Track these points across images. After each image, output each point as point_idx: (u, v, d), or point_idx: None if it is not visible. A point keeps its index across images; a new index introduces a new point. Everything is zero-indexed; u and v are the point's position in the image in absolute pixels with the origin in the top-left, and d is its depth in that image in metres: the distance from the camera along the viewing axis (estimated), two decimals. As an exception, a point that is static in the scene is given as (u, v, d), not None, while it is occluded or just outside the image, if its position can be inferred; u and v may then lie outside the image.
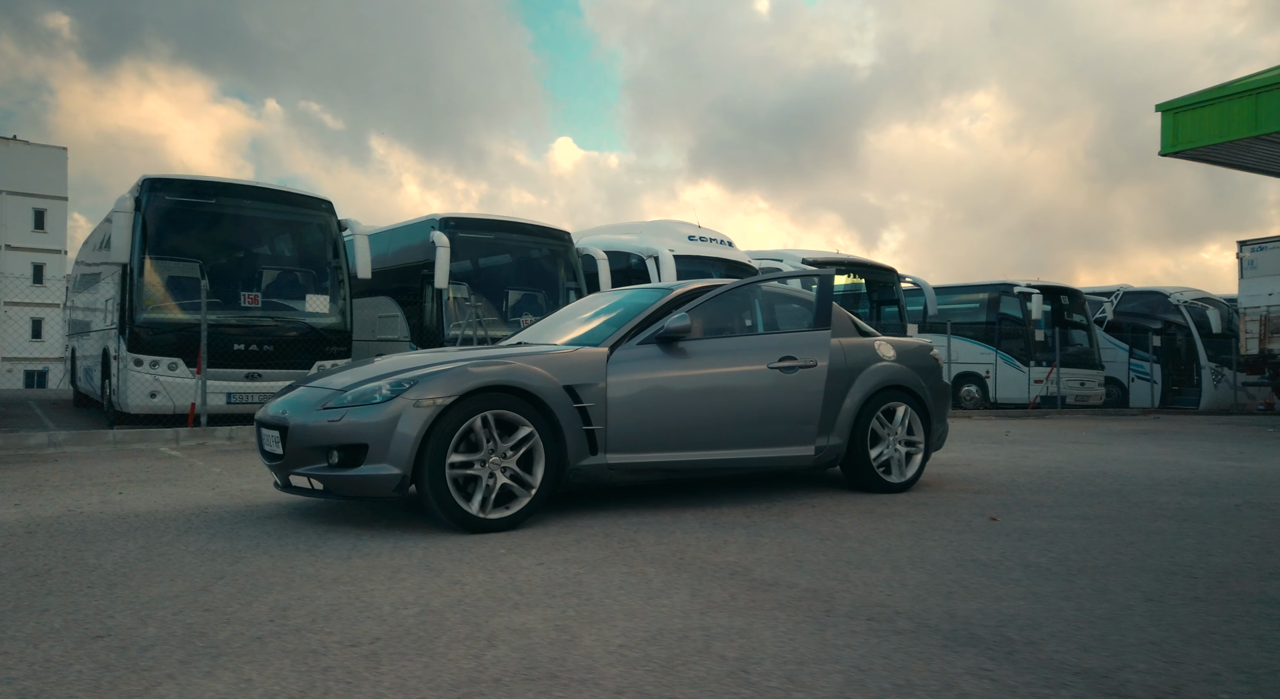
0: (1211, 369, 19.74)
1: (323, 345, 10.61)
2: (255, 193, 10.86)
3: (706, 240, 14.61)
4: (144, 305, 9.73)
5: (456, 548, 3.54)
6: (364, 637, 2.36)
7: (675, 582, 2.94)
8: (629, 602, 2.69)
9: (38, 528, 4.03)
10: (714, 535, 3.81)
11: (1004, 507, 4.63)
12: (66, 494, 5.14)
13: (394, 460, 3.74)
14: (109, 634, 2.40)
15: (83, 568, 3.23)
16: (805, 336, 4.89)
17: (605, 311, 5.23)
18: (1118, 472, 6.27)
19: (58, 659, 2.20)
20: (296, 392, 4.37)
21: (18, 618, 2.57)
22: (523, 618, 2.52)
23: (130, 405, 9.53)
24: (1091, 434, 10.23)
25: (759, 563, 3.23)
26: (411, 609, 2.63)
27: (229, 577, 3.07)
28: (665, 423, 4.39)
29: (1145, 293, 21.21)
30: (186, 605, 2.70)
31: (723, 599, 2.70)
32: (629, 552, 3.46)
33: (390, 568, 3.20)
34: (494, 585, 2.92)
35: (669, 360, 4.49)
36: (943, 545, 3.56)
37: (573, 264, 12.74)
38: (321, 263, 10.95)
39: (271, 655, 2.22)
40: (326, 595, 2.80)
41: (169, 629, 2.45)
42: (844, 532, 3.89)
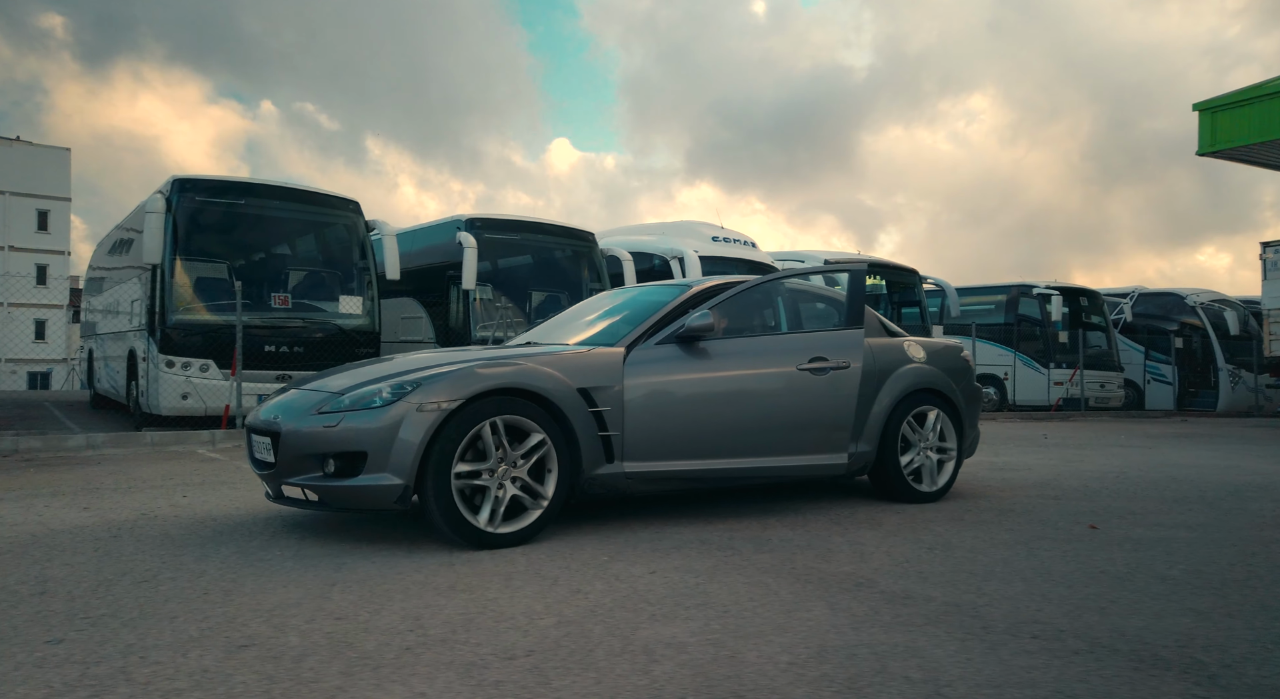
0: (1229, 371, 19.69)
1: (352, 347, 10.55)
2: (283, 193, 10.79)
3: (730, 241, 14.57)
4: (175, 307, 9.66)
5: (556, 553, 3.47)
6: (516, 649, 2.29)
7: (803, 593, 2.86)
8: (768, 615, 2.61)
9: (120, 532, 3.96)
10: (811, 543, 3.73)
11: (1096, 514, 4.54)
12: (130, 497, 5.07)
13: (395, 470, 3.46)
14: (253, 643, 2.33)
15: (189, 573, 3.16)
16: (837, 336, 4.62)
17: (619, 309, 4.99)
18: (1187, 477, 6.19)
19: (214, 669, 2.14)
20: (289, 394, 4.10)
21: (152, 625, 2.50)
22: (669, 631, 2.45)
23: (162, 407, 9.46)
24: (1130, 437, 10.18)
25: (878, 573, 3.16)
26: (547, 619, 2.56)
27: (341, 583, 3.00)
28: (686, 429, 4.13)
29: (1161, 294, 21.16)
30: (315, 613, 2.63)
31: (864, 613, 2.62)
32: (736, 560, 3.38)
33: (501, 574, 3.12)
34: (618, 595, 2.84)
35: (690, 361, 4.22)
36: (1058, 555, 3.48)
37: (597, 265, 12.70)
38: (350, 264, 10.90)
39: (431, 668, 2.15)
40: (451, 603, 2.73)
41: (311, 638, 2.38)
42: (946, 540, 3.80)
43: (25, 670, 2.22)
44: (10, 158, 49.26)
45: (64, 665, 2.25)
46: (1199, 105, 10.61)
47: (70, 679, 2.15)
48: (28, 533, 4.01)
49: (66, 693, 2.04)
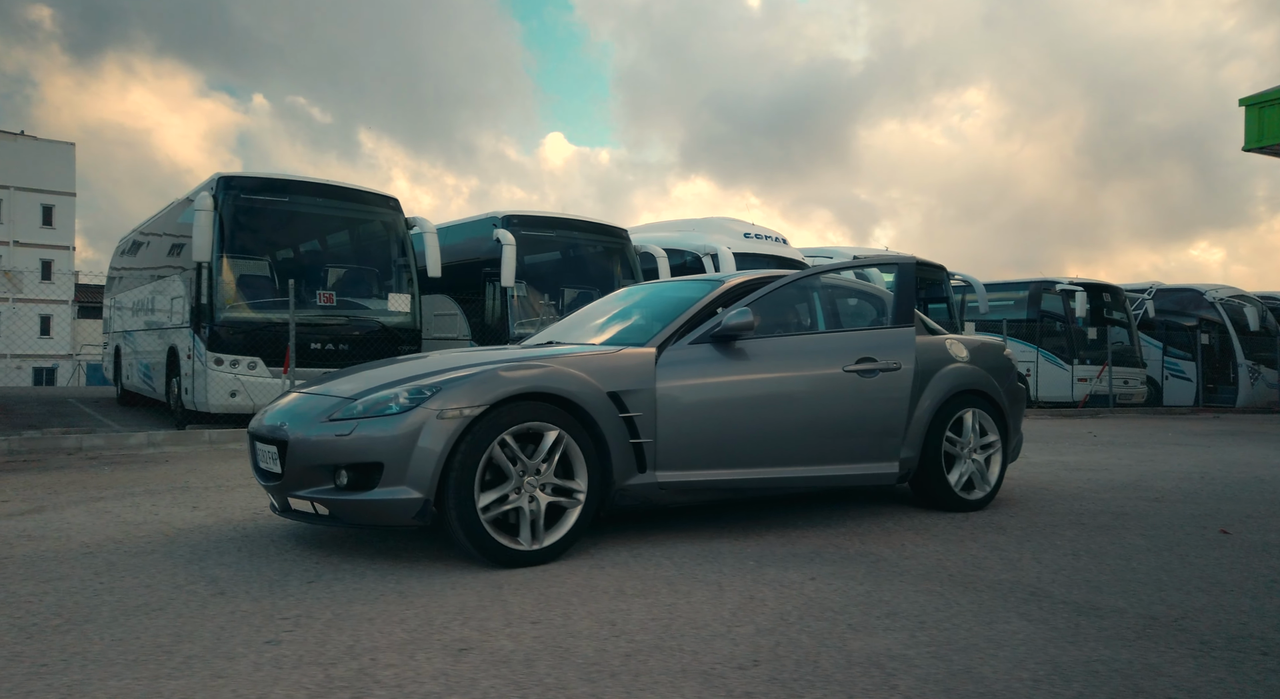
0: (1248, 367, 19.74)
1: (396, 344, 10.57)
2: (325, 190, 10.80)
3: (762, 237, 14.57)
4: (224, 304, 9.67)
5: (702, 558, 3.46)
6: (739, 657, 2.30)
7: (984, 603, 2.86)
8: (966, 626, 2.61)
9: (247, 531, 3.96)
10: (951, 548, 3.72)
11: (1213, 518, 4.52)
12: (230, 496, 5.07)
13: (414, 482, 3.21)
14: (470, 646, 2.34)
15: (350, 574, 3.19)
16: (885, 335, 4.34)
17: (643, 306, 4.77)
18: (1275, 477, 6.20)
19: (452, 673, 2.15)
20: (294, 398, 3.84)
21: (355, 626, 2.49)
22: (880, 642, 2.45)
23: (210, 405, 9.46)
24: (1175, 434, 10.23)
25: (1042, 582, 3.15)
26: (745, 627, 2.57)
27: (506, 585, 2.98)
28: (724, 435, 3.87)
29: (1179, 290, 21.19)
30: (506, 616, 2.64)
31: (1064, 626, 2.61)
32: (887, 567, 3.39)
33: (663, 579, 3.13)
34: (796, 602, 2.84)
35: (727, 362, 3.95)
36: (1213, 562, 3.47)
37: (630, 262, 12.70)
38: (393, 261, 10.91)
39: (670, 676, 2.16)
40: (633, 608, 2.75)
41: (522, 642, 2.39)
42: (1085, 546, 3.78)
43: (267, 672, 2.23)
44: (14, 152, 49.04)
45: (302, 666, 2.27)
46: (1245, 100, 10.62)
47: (320, 680, 2.16)
48: (156, 532, 4.01)
49: (327, 694, 2.06)
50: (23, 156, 49.35)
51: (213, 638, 2.53)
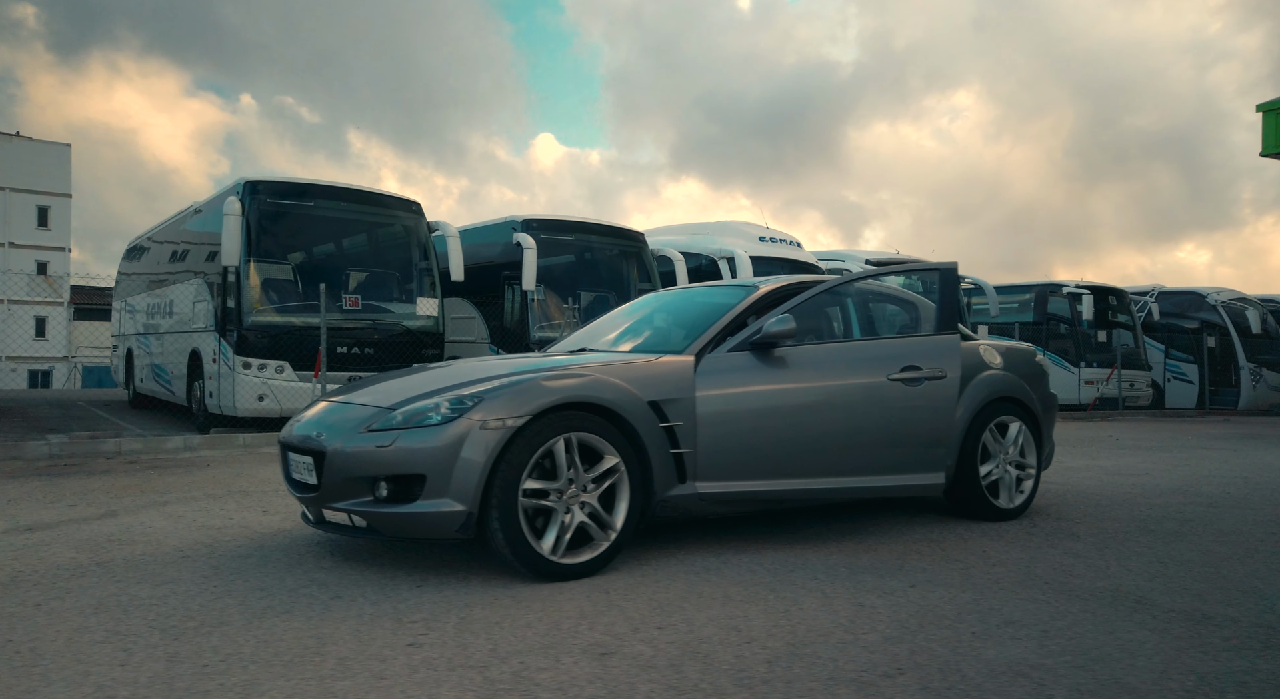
0: (1250, 369, 19.94)
1: (419, 348, 10.65)
2: (349, 194, 10.87)
3: (777, 241, 14.67)
4: (252, 308, 9.71)
5: (791, 567, 3.54)
6: (881, 665, 2.37)
7: (1099, 613, 2.92)
8: (1094, 635, 2.66)
9: (322, 535, 4.00)
10: (1033, 555, 3.79)
11: (1277, 523, 4.63)
12: (290, 499, 5.10)
13: (457, 494, 3.14)
14: (611, 651, 2.40)
15: (456, 576, 3.21)
16: (930, 342, 4.29)
17: (673, 312, 4.71)
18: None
19: (606, 676, 2.22)
20: (324, 407, 3.79)
21: (489, 629, 2.55)
22: (1012, 651, 2.51)
23: (238, 408, 9.50)
24: (1196, 438, 10.37)
25: (1147, 590, 3.22)
26: (871, 635, 2.63)
27: (612, 591, 3.06)
28: (766, 445, 3.81)
29: (1181, 293, 21.38)
30: (631, 620, 2.69)
31: (1188, 636, 2.66)
32: (980, 575, 3.46)
33: (763, 586, 3.20)
34: (909, 609, 2.93)
35: (767, 371, 3.88)
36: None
37: (648, 265, 12.79)
38: (416, 265, 10.97)
39: (820, 684, 2.22)
40: (750, 614, 2.81)
41: (658, 647, 2.45)
42: (1165, 553, 3.85)
43: (425, 674, 2.30)
44: (10, 153, 48.76)
45: (457, 669, 2.34)
46: (1263, 106, 10.79)
47: (480, 682, 2.23)
48: (240, 536, 4.06)
49: (495, 696, 2.13)
50: (18, 157, 49.08)
51: (353, 640, 2.60)
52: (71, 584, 3.24)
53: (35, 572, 3.44)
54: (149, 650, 2.52)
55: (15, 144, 49.65)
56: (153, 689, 2.23)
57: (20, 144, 50.06)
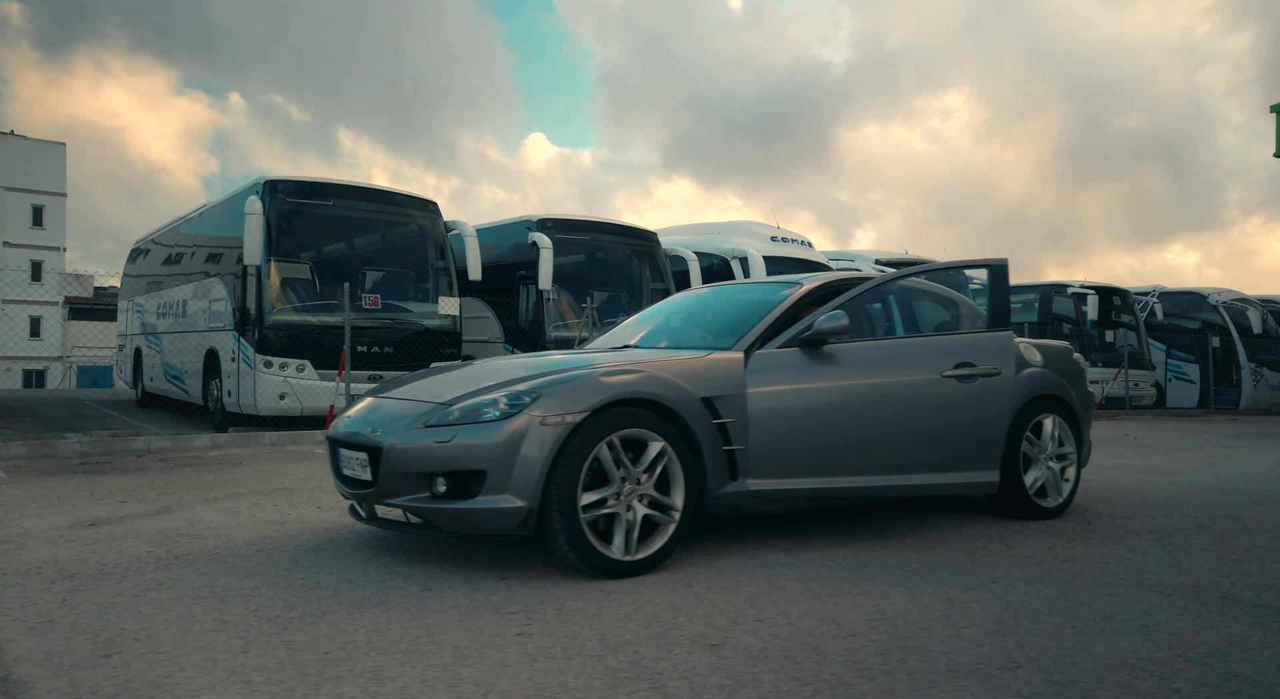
0: (1251, 369, 20.10)
1: (438, 347, 10.68)
2: (367, 193, 10.90)
3: (789, 241, 14.73)
4: (273, 307, 9.71)
5: (860, 563, 3.59)
6: (1002, 660, 2.41)
7: (1189, 608, 2.96)
8: (1194, 631, 2.70)
9: (381, 530, 4.02)
10: (1100, 552, 3.83)
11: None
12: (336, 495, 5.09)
13: (518, 490, 3.12)
14: (723, 643, 2.44)
15: (537, 570, 3.23)
16: (984, 339, 4.29)
17: (716, 309, 4.70)
18: None
19: (729, 668, 2.24)
20: (374, 403, 3.78)
21: (591, 621, 2.57)
22: (1120, 646, 2.55)
23: (259, 407, 9.51)
24: (1210, 437, 10.47)
25: (1226, 585, 3.25)
26: (972, 630, 2.66)
27: (696, 584, 3.09)
28: (818, 442, 3.81)
29: (1182, 293, 21.52)
30: (729, 612, 2.72)
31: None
32: (1055, 571, 3.50)
33: (843, 581, 3.23)
34: (998, 604, 2.97)
35: (818, 367, 3.87)
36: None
37: (660, 265, 12.85)
38: (433, 264, 11.00)
39: (951, 678, 2.26)
40: (843, 607, 2.84)
41: (763, 638, 2.49)
42: (1235, 550, 3.87)
43: (544, 662, 2.33)
44: (4, 152, 48.48)
45: (575, 658, 2.37)
46: (1277, 107, 10.91)
47: (602, 671, 2.26)
48: (305, 530, 4.07)
49: (623, 684, 2.16)
50: (13, 156, 48.79)
51: (461, 631, 2.63)
52: (159, 576, 3.26)
53: (118, 564, 3.45)
54: (264, 639, 2.54)
55: (10, 143, 49.36)
56: (283, 674, 2.26)
57: (15, 142, 49.77)
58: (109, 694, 2.13)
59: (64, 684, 2.19)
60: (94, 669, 2.29)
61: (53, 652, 2.43)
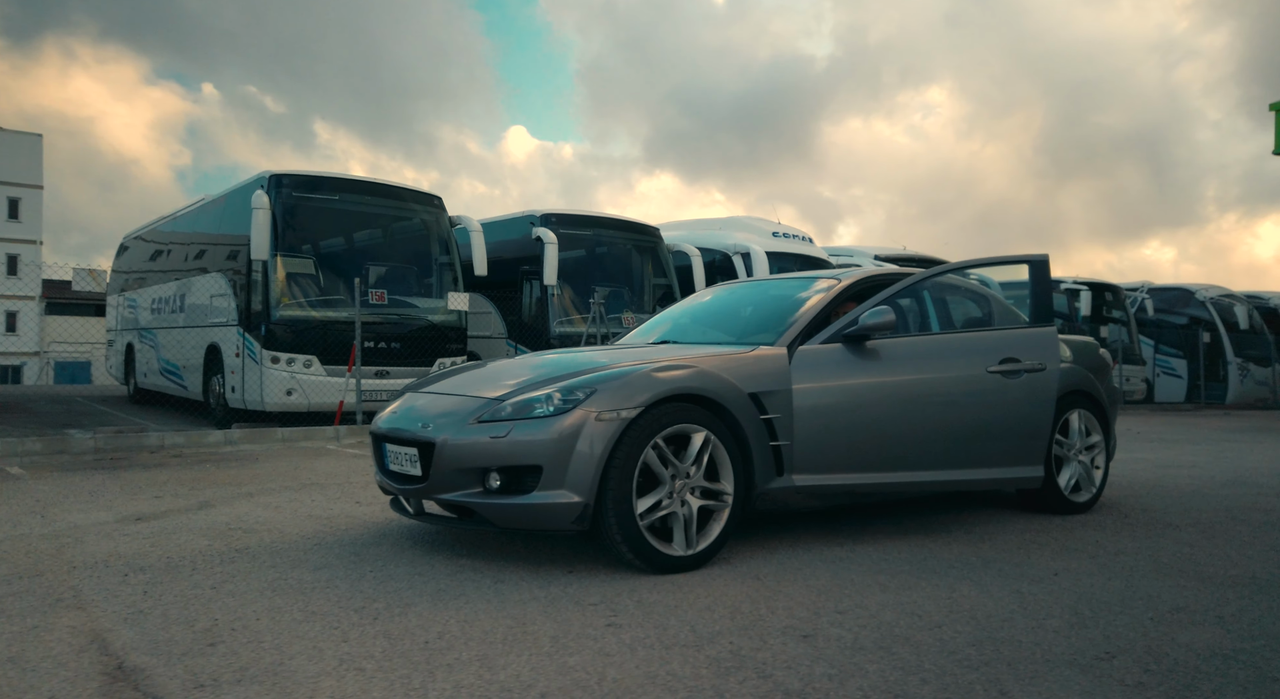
0: (1238, 365, 20.42)
1: (444, 343, 10.68)
2: (372, 188, 10.85)
3: (790, 236, 14.79)
4: (280, 302, 9.65)
5: (909, 558, 3.64)
6: (1094, 650, 2.47)
7: (1257, 599, 3.02)
8: (1270, 621, 2.76)
9: (422, 526, 4.01)
10: (1149, 544, 3.91)
11: None
12: (369, 491, 5.09)
13: (574, 486, 3.13)
14: (813, 634, 2.48)
15: (603, 564, 3.25)
16: (1028, 335, 4.32)
17: (752, 304, 4.72)
18: None
19: (832, 658, 2.29)
20: (417, 399, 3.80)
21: (664, 615, 2.59)
22: (1203, 636, 2.62)
23: (266, 403, 9.44)
24: (1209, 431, 10.64)
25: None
26: (1053, 621, 2.72)
27: (770, 578, 3.13)
28: (862, 438, 3.84)
29: (1170, 289, 21.81)
30: (808, 604, 2.77)
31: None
32: (1111, 562, 3.58)
33: (907, 574, 3.28)
34: (1068, 596, 3.03)
35: (862, 363, 3.89)
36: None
37: (663, 260, 12.87)
38: (440, 260, 10.97)
39: (1053, 668, 2.32)
40: (920, 601, 2.90)
41: (848, 629, 2.53)
42: (1272, 541, 3.97)
43: (644, 652, 2.35)
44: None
45: (674, 649, 2.39)
46: (1276, 105, 11.08)
47: (703, 661, 2.29)
48: (355, 525, 4.05)
49: (731, 672, 2.19)
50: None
51: (550, 621, 2.65)
52: (228, 569, 3.26)
53: (183, 558, 3.45)
54: (359, 629, 2.55)
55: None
56: (392, 661, 2.28)
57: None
58: (230, 680, 2.14)
59: (181, 671, 2.20)
60: (204, 657, 2.30)
61: (156, 641, 2.43)
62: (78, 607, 2.77)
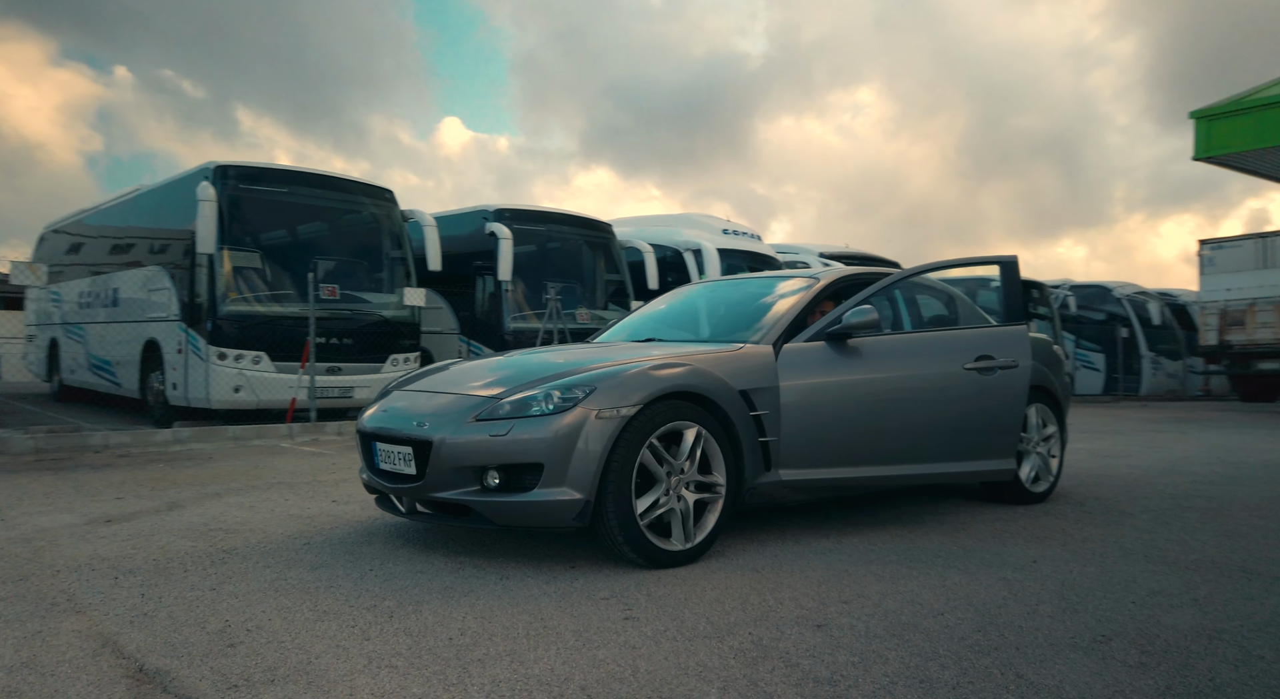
0: (1151, 358, 21.45)
1: (397, 339, 10.54)
2: (323, 180, 10.62)
3: (740, 234, 14.97)
4: (227, 297, 9.38)
5: (895, 549, 3.75)
6: (1091, 633, 2.60)
7: (1223, 582, 3.21)
8: (1241, 604, 2.92)
9: (408, 524, 3.98)
10: (1112, 532, 4.10)
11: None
12: (351, 489, 4.97)
13: (575, 483, 3.16)
14: (826, 623, 2.57)
15: (614, 564, 3.29)
16: (1001, 333, 4.48)
17: (732, 302, 4.81)
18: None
19: (853, 646, 2.37)
20: (402, 397, 3.81)
21: (681, 609, 2.66)
22: (1183, 619, 2.78)
23: (212, 401, 9.17)
24: (1134, 423, 11.15)
25: (1243, 560, 3.54)
26: (1046, 606, 2.87)
27: (766, 570, 3.21)
28: (847, 433, 3.96)
29: (1089, 286, 22.74)
30: (823, 599, 2.87)
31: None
32: (1082, 549, 3.76)
33: (892, 564, 3.40)
34: (1051, 583, 3.19)
35: (846, 361, 4.01)
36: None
37: (616, 256, 12.91)
38: (392, 254, 10.81)
39: (1057, 651, 2.44)
40: (915, 591, 3.00)
41: (859, 619, 2.63)
42: (1228, 528, 4.18)
43: (669, 644, 2.41)
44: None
45: (697, 640, 2.45)
46: (1195, 113, 11.66)
47: (728, 651, 2.35)
48: (339, 524, 3.97)
49: (759, 662, 2.25)
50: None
51: (568, 616, 2.68)
52: (222, 570, 3.19)
53: (170, 559, 3.36)
54: (378, 627, 2.55)
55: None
56: (421, 658, 2.28)
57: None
58: (262, 680, 2.12)
59: (208, 672, 2.17)
60: (227, 658, 2.27)
61: (171, 643, 2.38)
62: (76, 611, 2.69)
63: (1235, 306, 17.76)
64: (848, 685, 2.15)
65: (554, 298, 11.14)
